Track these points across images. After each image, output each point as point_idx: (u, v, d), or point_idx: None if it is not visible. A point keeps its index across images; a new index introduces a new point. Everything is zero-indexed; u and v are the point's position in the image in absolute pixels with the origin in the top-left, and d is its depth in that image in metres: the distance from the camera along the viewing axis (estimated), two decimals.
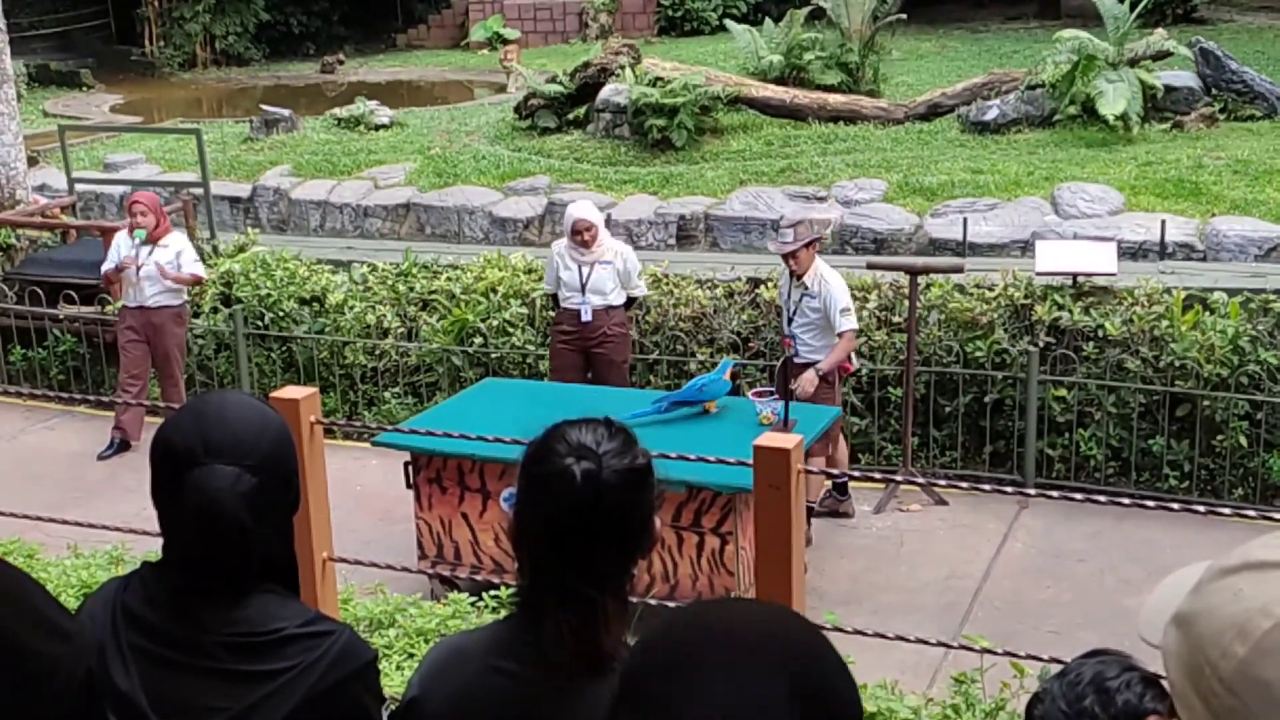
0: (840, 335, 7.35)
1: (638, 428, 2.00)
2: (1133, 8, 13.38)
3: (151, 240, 8.72)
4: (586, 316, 7.89)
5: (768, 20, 15.89)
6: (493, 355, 9.05)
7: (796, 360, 7.37)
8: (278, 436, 2.05)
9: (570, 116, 14.14)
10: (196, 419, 2.02)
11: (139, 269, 8.68)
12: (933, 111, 13.82)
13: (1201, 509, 2.97)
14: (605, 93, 13.79)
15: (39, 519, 4.41)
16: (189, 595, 1.96)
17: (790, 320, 7.53)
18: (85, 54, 24.76)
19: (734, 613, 1.31)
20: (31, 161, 12.90)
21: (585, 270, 7.86)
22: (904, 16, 15.13)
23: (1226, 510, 3.42)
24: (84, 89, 22.39)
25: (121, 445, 8.95)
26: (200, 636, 1.94)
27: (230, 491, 1.93)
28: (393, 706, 2.14)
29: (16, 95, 11.81)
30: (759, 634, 1.25)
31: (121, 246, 8.83)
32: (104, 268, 8.99)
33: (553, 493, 1.87)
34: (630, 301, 8.18)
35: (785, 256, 7.40)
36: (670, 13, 23.11)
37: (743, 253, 11.33)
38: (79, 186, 12.61)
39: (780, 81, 14.33)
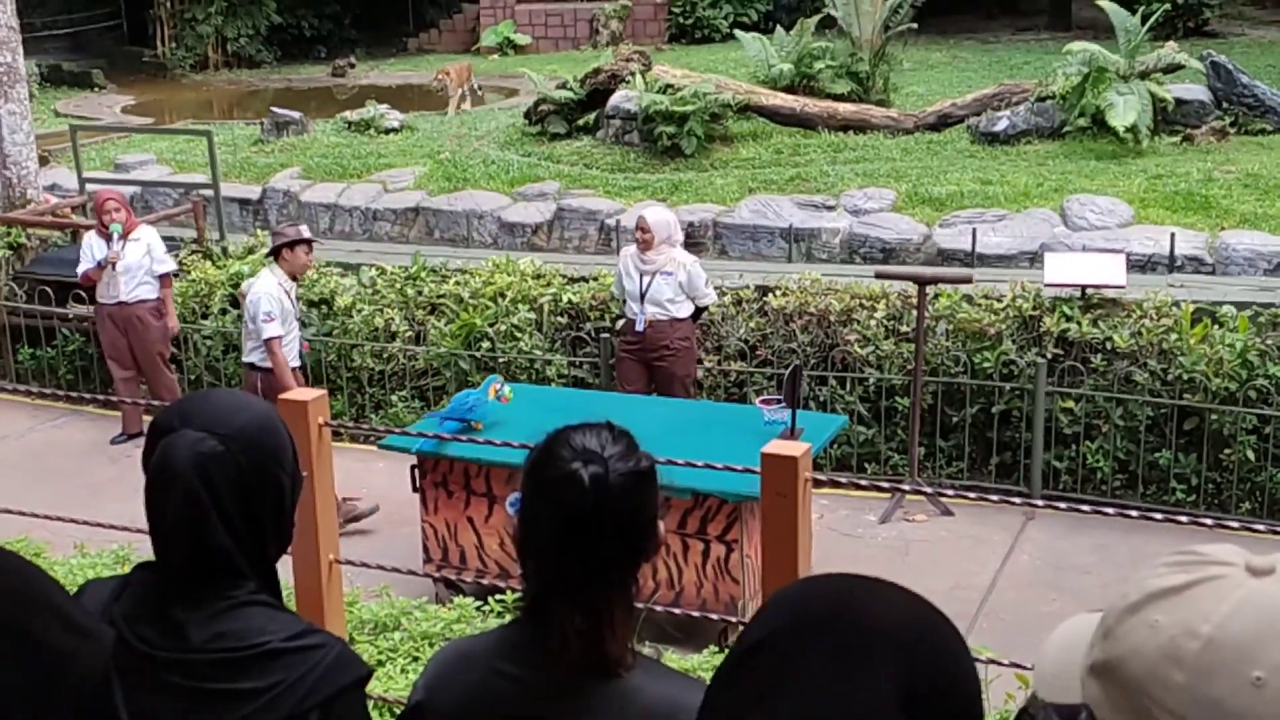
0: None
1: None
2: (1144, 20, 13.37)
3: (124, 235, 8.84)
4: (640, 326, 7.86)
5: (779, 29, 15.89)
6: (500, 360, 9.06)
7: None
8: (257, 419, 2.00)
9: (580, 122, 14.16)
10: (184, 400, 2.08)
11: (115, 265, 8.79)
12: (942, 122, 13.82)
13: (1210, 523, 2.96)
14: (615, 99, 13.80)
15: (46, 517, 4.41)
16: (174, 605, 1.92)
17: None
18: (97, 54, 24.86)
19: (871, 600, 1.28)
20: (43, 161, 12.93)
21: (645, 280, 7.84)
22: (915, 27, 15.15)
23: (1235, 524, 3.42)
24: (96, 89, 22.47)
25: (132, 434, 9.07)
26: (185, 652, 1.90)
27: (189, 450, 1.91)
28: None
29: (29, 95, 11.84)
30: (889, 628, 1.23)
31: (94, 246, 8.95)
32: (81, 268, 9.04)
33: (560, 497, 1.87)
34: (699, 312, 8.12)
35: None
36: (681, 20, 23.15)
37: (751, 260, 11.33)
38: (89, 186, 12.63)
39: (790, 90, 14.34)
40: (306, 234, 8.12)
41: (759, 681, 1.22)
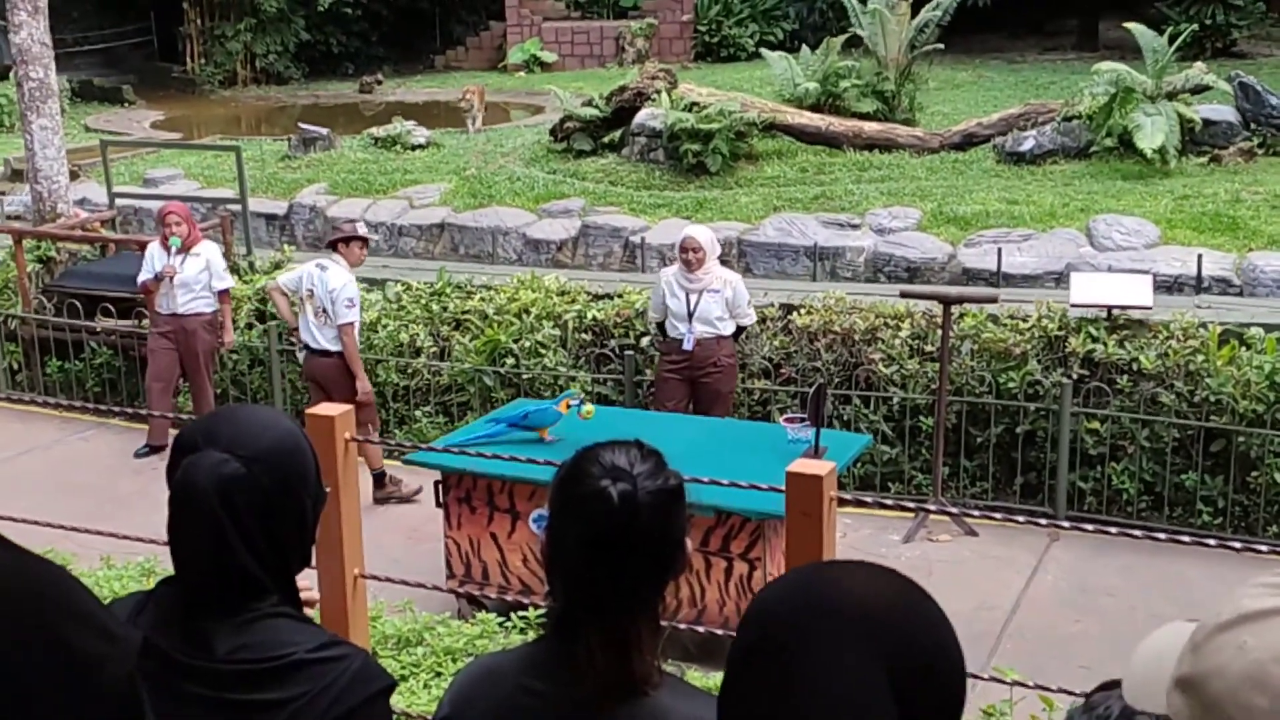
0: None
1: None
2: (1172, 41, 13.34)
3: (184, 249, 8.88)
4: (689, 345, 7.82)
5: (804, 47, 15.92)
6: (524, 376, 9.08)
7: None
8: (282, 439, 1.99)
9: (606, 140, 14.21)
10: (210, 416, 2.08)
11: (172, 277, 8.85)
12: (968, 141, 13.81)
13: (1238, 546, 2.94)
14: (641, 117, 13.85)
15: (72, 529, 4.43)
16: (198, 617, 1.93)
17: None
18: (128, 70, 25.10)
19: (849, 584, 1.33)
20: (73, 175, 13.04)
21: (693, 298, 7.82)
22: (941, 46, 15.14)
23: (1264, 548, 3.39)
24: (126, 105, 22.68)
25: (156, 446, 9.11)
26: (210, 664, 1.90)
27: (211, 472, 1.91)
28: None
29: (60, 110, 11.95)
30: (870, 609, 1.28)
31: (155, 257, 8.98)
32: (141, 278, 9.09)
33: (589, 514, 1.87)
34: (739, 331, 8.13)
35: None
36: (707, 39, 23.20)
37: (775, 279, 11.33)
38: (119, 201, 12.75)
39: (816, 109, 14.35)
40: (363, 231, 8.37)
41: (763, 685, 1.26)
